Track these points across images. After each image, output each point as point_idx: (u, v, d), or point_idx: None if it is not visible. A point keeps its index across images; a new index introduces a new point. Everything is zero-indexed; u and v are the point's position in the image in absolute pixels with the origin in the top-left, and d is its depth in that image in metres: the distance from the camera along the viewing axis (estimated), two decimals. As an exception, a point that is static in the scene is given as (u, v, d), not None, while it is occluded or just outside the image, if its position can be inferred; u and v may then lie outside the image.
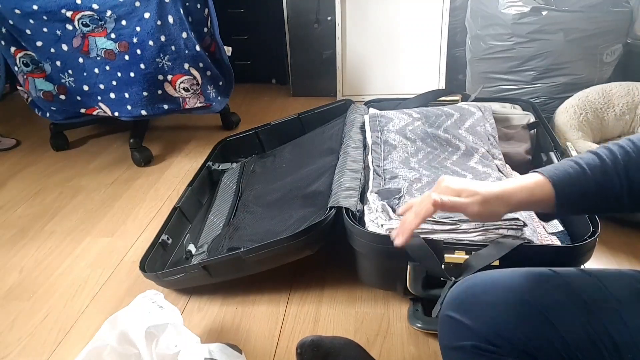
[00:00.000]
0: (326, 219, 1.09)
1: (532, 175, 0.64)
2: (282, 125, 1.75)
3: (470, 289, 0.64)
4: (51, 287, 1.26)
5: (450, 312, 0.63)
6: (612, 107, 1.63)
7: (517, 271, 0.65)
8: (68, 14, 1.59)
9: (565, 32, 1.74)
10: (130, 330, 0.90)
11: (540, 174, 0.63)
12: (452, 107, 1.45)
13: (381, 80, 2.35)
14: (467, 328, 0.60)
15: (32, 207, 1.61)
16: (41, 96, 1.76)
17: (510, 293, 0.61)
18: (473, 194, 0.64)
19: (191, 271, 1.14)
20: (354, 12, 2.26)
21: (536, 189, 0.63)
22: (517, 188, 0.64)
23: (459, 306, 0.63)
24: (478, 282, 0.64)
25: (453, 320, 0.63)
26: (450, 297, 0.65)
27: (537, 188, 0.63)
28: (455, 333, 0.63)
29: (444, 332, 0.66)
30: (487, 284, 0.63)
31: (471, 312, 0.61)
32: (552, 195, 0.61)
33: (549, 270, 0.64)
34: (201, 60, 1.73)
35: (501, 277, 0.64)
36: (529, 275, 0.63)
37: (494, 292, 0.62)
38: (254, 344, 1.06)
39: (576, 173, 0.61)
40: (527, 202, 0.63)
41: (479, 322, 0.60)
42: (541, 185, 0.62)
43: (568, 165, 0.63)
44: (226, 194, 1.55)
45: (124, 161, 1.88)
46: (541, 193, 0.62)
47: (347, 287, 1.20)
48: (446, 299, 0.66)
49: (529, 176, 0.64)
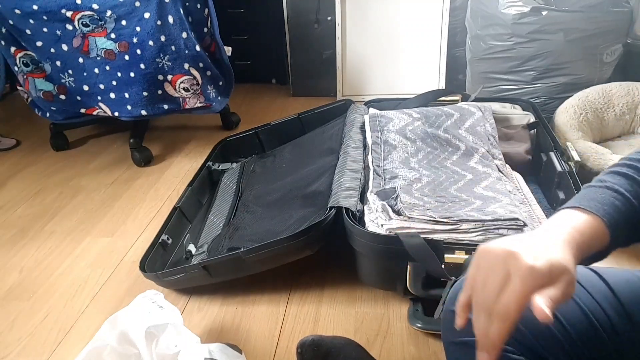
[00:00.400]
0: (326, 219, 1.09)
1: (579, 215, 0.53)
2: (282, 125, 1.75)
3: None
4: (51, 287, 1.26)
5: (454, 308, 0.63)
6: (612, 107, 1.63)
7: None
8: (68, 14, 1.59)
9: (565, 32, 1.74)
10: (130, 330, 0.90)
11: (590, 212, 0.53)
12: (452, 107, 1.45)
13: (381, 80, 2.35)
14: (471, 323, 0.60)
15: (32, 207, 1.61)
16: (41, 96, 1.75)
17: None
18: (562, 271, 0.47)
19: (191, 271, 1.14)
20: (354, 12, 2.26)
21: (594, 233, 0.52)
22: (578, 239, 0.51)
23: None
24: None
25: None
26: (455, 291, 0.64)
27: (594, 231, 0.53)
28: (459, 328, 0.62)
29: (448, 328, 0.65)
30: None
31: None
32: (607, 232, 0.53)
33: None
34: (201, 60, 1.73)
35: None
36: None
37: None
38: (254, 344, 1.06)
39: (623, 205, 0.55)
40: (587, 252, 0.52)
41: None
42: (596, 227, 0.53)
43: (610, 195, 0.55)
44: (226, 194, 1.55)
45: (124, 161, 1.88)
46: (600, 237, 0.53)
47: (347, 287, 1.20)
48: (450, 294, 0.65)
49: (577, 216, 0.53)
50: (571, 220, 0.53)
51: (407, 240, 0.98)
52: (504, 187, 1.18)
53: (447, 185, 1.21)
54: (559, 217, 0.54)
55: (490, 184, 1.19)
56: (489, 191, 1.16)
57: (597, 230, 0.52)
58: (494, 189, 1.16)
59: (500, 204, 1.09)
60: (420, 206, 1.09)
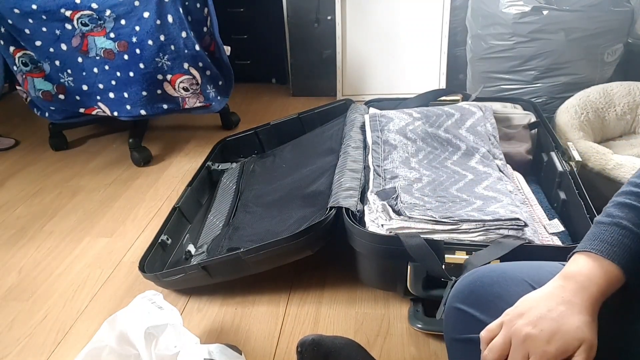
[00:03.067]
0: (326, 219, 1.08)
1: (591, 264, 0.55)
2: (282, 125, 1.75)
3: (479, 280, 0.63)
4: (50, 287, 1.25)
5: (458, 304, 0.63)
6: (613, 107, 1.63)
7: (527, 264, 0.64)
8: (67, 14, 1.59)
9: (566, 31, 1.74)
10: (129, 331, 0.90)
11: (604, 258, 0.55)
12: (452, 107, 1.44)
13: (381, 79, 2.35)
14: (476, 320, 0.60)
15: (31, 207, 1.61)
16: (40, 96, 1.75)
17: (521, 285, 0.60)
18: (580, 341, 0.52)
19: (191, 271, 1.14)
20: (354, 12, 2.26)
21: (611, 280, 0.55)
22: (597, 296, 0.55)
23: (468, 298, 0.62)
24: (487, 273, 0.63)
25: (461, 312, 0.62)
26: (459, 289, 0.64)
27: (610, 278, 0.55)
28: (463, 325, 0.62)
29: (451, 324, 0.65)
30: (497, 276, 0.62)
31: (480, 304, 0.61)
32: (622, 275, 0.56)
33: (559, 264, 0.63)
34: (201, 59, 1.72)
35: (510, 269, 0.63)
36: (540, 267, 0.63)
37: (503, 284, 0.61)
38: (253, 344, 1.06)
39: (633, 242, 0.56)
40: (604, 297, 0.55)
41: (488, 314, 0.59)
42: (611, 272, 0.55)
43: (618, 234, 0.56)
44: (226, 194, 1.55)
45: (123, 161, 1.88)
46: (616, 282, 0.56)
47: (347, 287, 1.20)
48: (453, 292, 0.65)
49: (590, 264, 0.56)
50: (587, 270, 0.56)
51: (407, 241, 0.97)
52: (505, 187, 1.17)
53: (447, 185, 1.20)
54: (574, 265, 0.57)
55: (491, 184, 1.19)
56: (490, 191, 1.16)
57: (612, 277, 0.55)
58: (494, 189, 1.16)
59: (501, 204, 1.08)
60: (420, 206, 1.09)
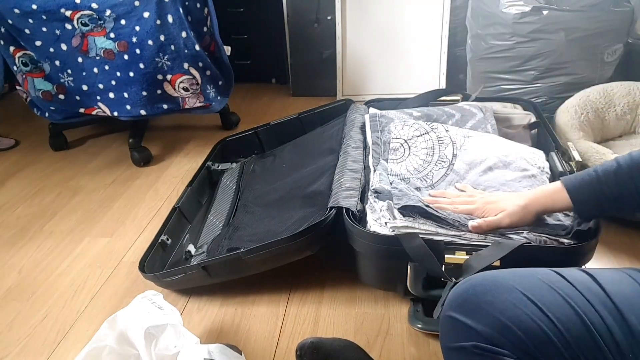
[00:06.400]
0: (326, 219, 1.08)
1: (554, 183, 0.77)
2: (282, 125, 1.74)
3: (472, 288, 0.64)
4: (50, 287, 1.25)
5: (451, 313, 0.63)
6: (613, 107, 1.63)
7: (519, 271, 0.65)
8: (67, 14, 1.59)
9: (566, 31, 1.74)
10: (129, 331, 0.90)
11: (560, 182, 0.76)
12: (453, 108, 1.44)
13: (381, 79, 2.35)
14: (468, 328, 0.60)
15: (31, 207, 1.61)
16: (40, 96, 1.75)
17: (512, 293, 0.61)
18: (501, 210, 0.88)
19: (191, 272, 1.14)
20: (354, 12, 2.26)
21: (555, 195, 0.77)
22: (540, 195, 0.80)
23: (461, 306, 0.63)
24: (480, 282, 0.64)
25: (454, 320, 0.62)
26: (452, 297, 0.65)
27: (556, 194, 0.77)
28: (456, 333, 0.62)
29: (445, 333, 0.65)
30: (489, 284, 0.63)
31: (473, 312, 0.61)
32: (569, 200, 0.75)
33: (551, 271, 0.64)
34: (201, 59, 1.72)
35: (503, 277, 0.64)
36: (531, 275, 0.63)
37: (495, 292, 0.61)
38: (253, 344, 1.06)
39: (590, 178, 0.72)
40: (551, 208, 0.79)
41: (480, 323, 0.60)
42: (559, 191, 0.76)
43: (586, 172, 0.73)
44: (226, 194, 1.55)
45: (123, 161, 1.88)
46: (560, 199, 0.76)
47: (347, 287, 1.20)
48: (447, 300, 0.65)
49: (552, 184, 0.78)
50: (547, 186, 0.82)
51: (406, 242, 0.97)
52: (505, 187, 1.17)
53: (447, 185, 1.20)
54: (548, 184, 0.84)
55: (491, 184, 1.18)
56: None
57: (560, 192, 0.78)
58: (494, 189, 1.16)
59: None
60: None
